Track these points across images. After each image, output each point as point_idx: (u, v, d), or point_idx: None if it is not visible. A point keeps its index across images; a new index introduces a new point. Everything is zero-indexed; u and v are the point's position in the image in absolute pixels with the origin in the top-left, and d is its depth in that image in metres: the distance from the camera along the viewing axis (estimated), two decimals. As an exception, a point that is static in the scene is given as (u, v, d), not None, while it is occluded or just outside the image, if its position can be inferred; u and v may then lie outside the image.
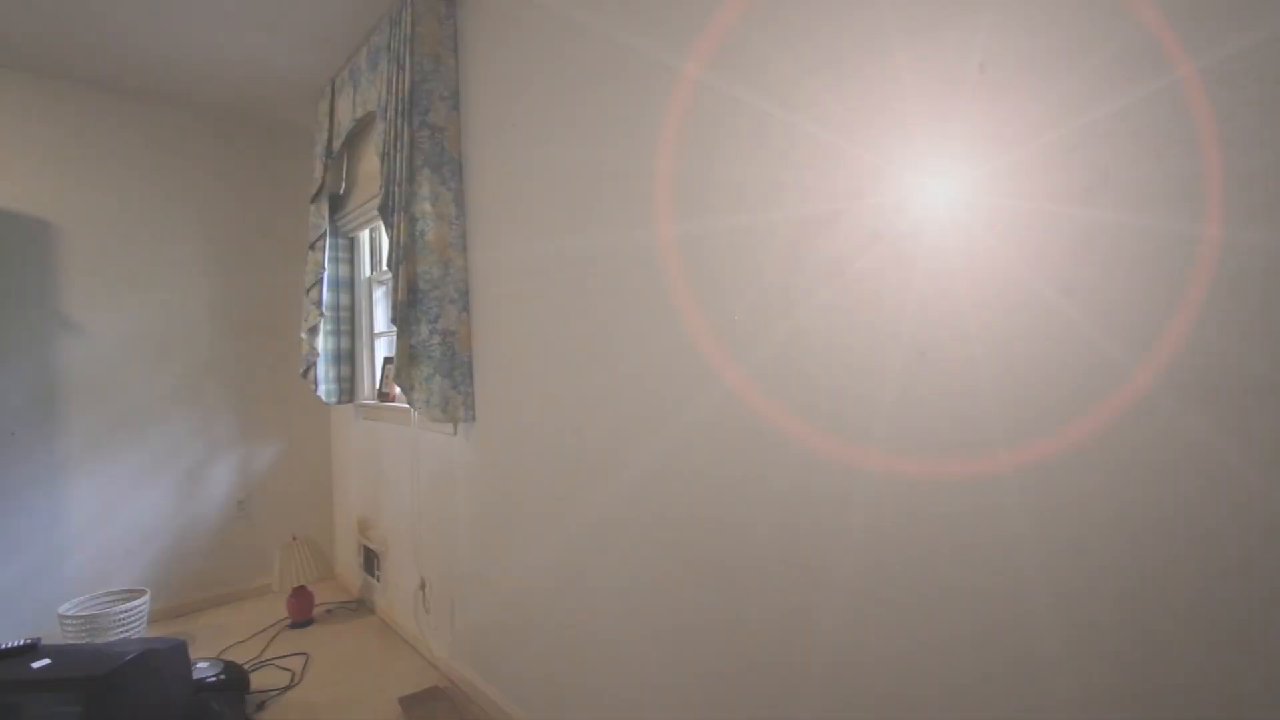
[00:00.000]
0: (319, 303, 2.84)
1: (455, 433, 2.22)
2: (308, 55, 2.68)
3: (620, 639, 1.55)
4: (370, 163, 2.71)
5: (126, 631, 2.61)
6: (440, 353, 2.09)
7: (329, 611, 3.02)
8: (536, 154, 1.80)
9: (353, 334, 3.09)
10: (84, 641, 2.49)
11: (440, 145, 2.15)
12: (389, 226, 2.17)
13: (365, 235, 3.08)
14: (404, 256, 2.08)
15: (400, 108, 2.12)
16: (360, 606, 3.07)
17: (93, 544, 2.88)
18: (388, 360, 2.87)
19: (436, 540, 2.40)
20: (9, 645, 1.79)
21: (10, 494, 2.70)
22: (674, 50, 1.35)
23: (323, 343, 2.92)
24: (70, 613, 2.56)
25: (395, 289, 2.09)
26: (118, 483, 2.95)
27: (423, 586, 2.48)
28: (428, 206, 2.11)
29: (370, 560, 3.00)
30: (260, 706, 2.24)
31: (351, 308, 3.08)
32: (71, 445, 2.84)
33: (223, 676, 2.20)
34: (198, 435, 3.15)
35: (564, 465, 1.72)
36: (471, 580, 2.19)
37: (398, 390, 2.74)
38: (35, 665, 1.69)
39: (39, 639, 1.86)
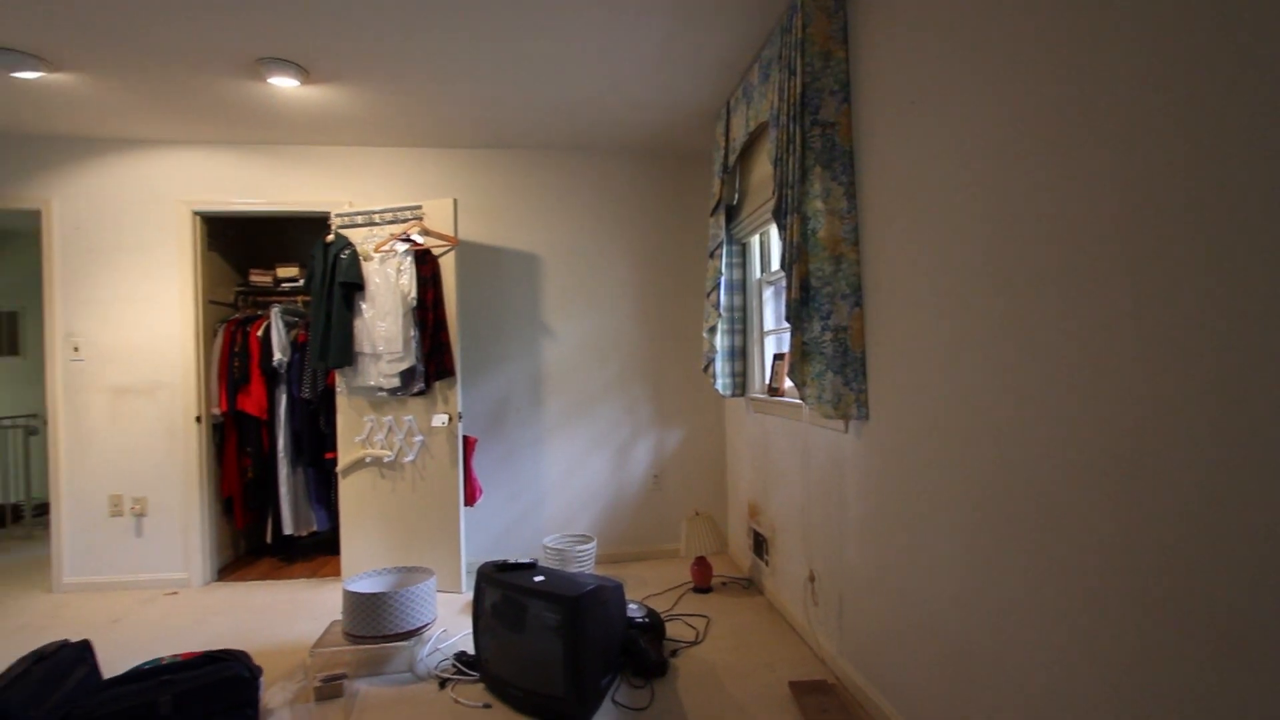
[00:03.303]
0: (717, 305, 3.16)
1: (846, 430, 2.19)
2: (707, 85, 3.00)
3: (1048, 689, 1.29)
4: (761, 171, 2.89)
5: (581, 567, 3.36)
6: (832, 349, 2.09)
7: (724, 584, 3.35)
8: (941, 129, 1.64)
9: (745, 332, 3.35)
10: (557, 568, 3.31)
11: (831, 141, 2.15)
12: (782, 228, 2.27)
13: (756, 240, 3.30)
14: (796, 256, 2.14)
15: (791, 112, 2.19)
16: (750, 585, 3.31)
17: (561, 496, 3.81)
18: (777, 357, 3.02)
19: (825, 535, 2.41)
20: (519, 561, 2.49)
21: (517, 453, 3.76)
22: (1150, -43, 1.05)
23: (720, 341, 3.24)
24: (550, 545, 3.42)
25: (788, 288, 2.17)
26: (574, 452, 3.82)
27: (811, 579, 2.53)
28: (819, 204, 2.13)
29: (759, 543, 3.21)
30: (674, 653, 2.61)
31: (744, 308, 3.34)
32: (548, 420, 3.80)
33: (647, 620, 2.64)
34: (625, 419, 3.86)
35: (977, 475, 1.52)
36: (861, 580, 2.13)
37: (787, 385, 2.86)
38: (535, 579, 2.30)
39: (536, 560, 2.54)
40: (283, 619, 3.06)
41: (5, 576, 3.79)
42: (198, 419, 3.58)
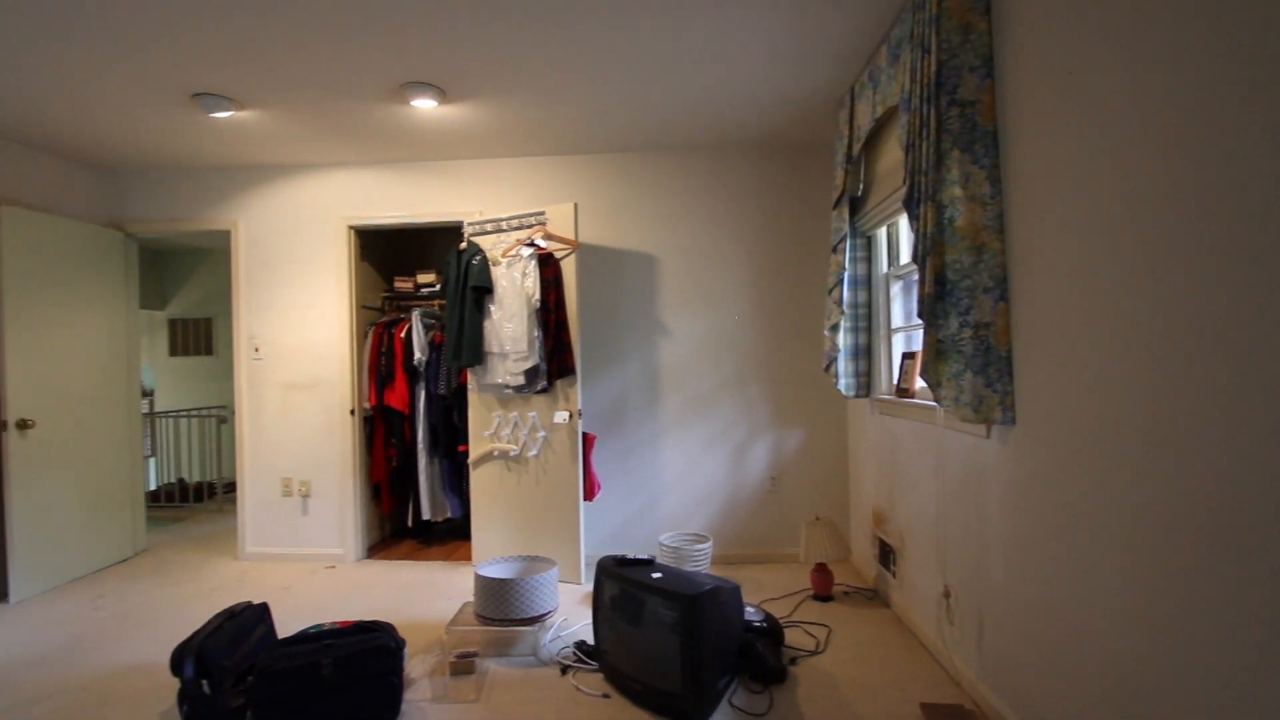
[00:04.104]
0: (840, 301, 3.03)
1: (988, 435, 2.01)
2: (828, 72, 2.88)
3: (1261, 745, 1.10)
4: (889, 159, 2.73)
5: (697, 566, 3.35)
6: (972, 347, 1.93)
7: (846, 593, 3.20)
8: (1107, 98, 1.45)
9: (870, 330, 3.18)
10: (673, 566, 3.32)
11: (971, 121, 1.98)
12: (914, 218, 2.13)
13: (882, 232, 3.12)
14: (931, 247, 2.00)
15: (925, 93, 2.05)
16: (875, 597, 3.14)
17: (677, 494, 3.82)
18: (906, 356, 2.83)
19: (962, 549, 2.23)
20: (638, 557, 2.52)
21: (634, 450, 3.83)
22: None
23: (843, 339, 3.10)
24: (666, 542, 3.44)
25: (921, 282, 2.03)
26: (690, 450, 3.82)
27: (946, 595, 2.34)
28: (957, 190, 1.97)
29: (885, 553, 3.03)
30: (792, 661, 2.53)
31: (869, 304, 3.18)
32: (664, 419, 3.83)
33: (765, 624, 2.58)
34: (742, 419, 3.80)
35: (1152, 488, 1.34)
36: (1006, 600, 1.95)
37: (919, 386, 2.68)
38: (653, 575, 2.32)
39: (653, 556, 2.56)
40: (422, 596, 3.32)
41: (202, 544, 4.42)
42: (351, 412, 3.98)
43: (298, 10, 2.31)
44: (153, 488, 5.82)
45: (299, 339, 4.02)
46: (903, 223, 2.96)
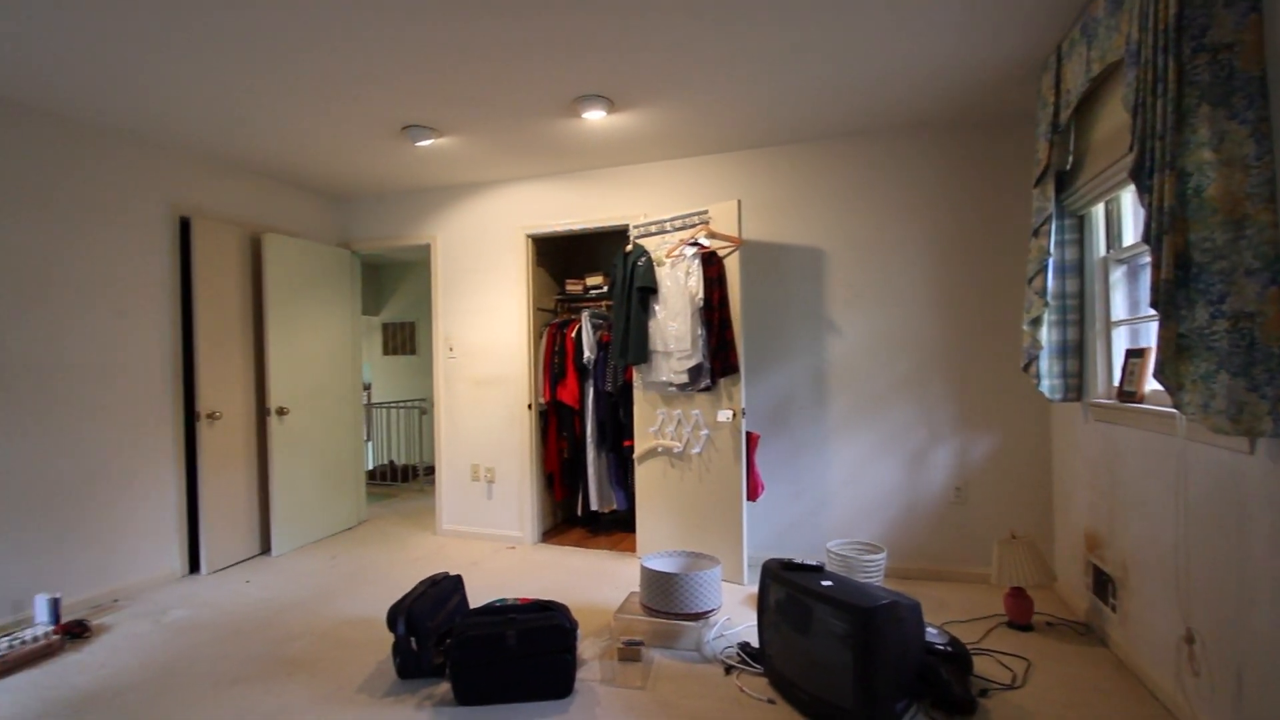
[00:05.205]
0: (1042, 292, 2.66)
1: (1252, 451, 1.65)
2: (1027, 32, 2.54)
3: None
4: (1108, 125, 2.35)
5: (868, 578, 3.14)
6: (1228, 343, 1.59)
7: (1049, 624, 2.81)
8: None
9: (1081, 323, 2.76)
10: (841, 575, 3.16)
11: (1227, 69, 1.63)
12: (1145, 191, 1.80)
13: (1099, 210, 2.69)
14: (1169, 224, 1.68)
15: (1161, 41, 1.73)
16: (1088, 631, 2.72)
17: (845, 499, 3.63)
18: (1131, 353, 2.41)
19: (1212, 586, 1.85)
20: (806, 562, 2.43)
21: (800, 451, 3.70)
22: None
23: (1046, 334, 2.72)
24: (835, 549, 3.28)
25: (1155, 265, 1.72)
26: (860, 453, 3.60)
27: (1189, 640, 1.96)
28: (1207, 154, 1.63)
29: (1101, 583, 2.61)
30: (983, 693, 2.27)
31: (1080, 294, 2.75)
32: (832, 420, 3.65)
33: (950, 648, 2.34)
34: (921, 422, 3.50)
35: None
36: (1278, 656, 1.58)
37: (1150, 388, 2.27)
38: (823, 583, 2.22)
39: (823, 563, 2.45)
40: (590, 582, 3.50)
41: (408, 519, 5.06)
42: (529, 406, 4.30)
43: (488, 42, 2.54)
44: (369, 468, 6.78)
45: (484, 339, 4.44)
46: (1126, 197, 2.53)
